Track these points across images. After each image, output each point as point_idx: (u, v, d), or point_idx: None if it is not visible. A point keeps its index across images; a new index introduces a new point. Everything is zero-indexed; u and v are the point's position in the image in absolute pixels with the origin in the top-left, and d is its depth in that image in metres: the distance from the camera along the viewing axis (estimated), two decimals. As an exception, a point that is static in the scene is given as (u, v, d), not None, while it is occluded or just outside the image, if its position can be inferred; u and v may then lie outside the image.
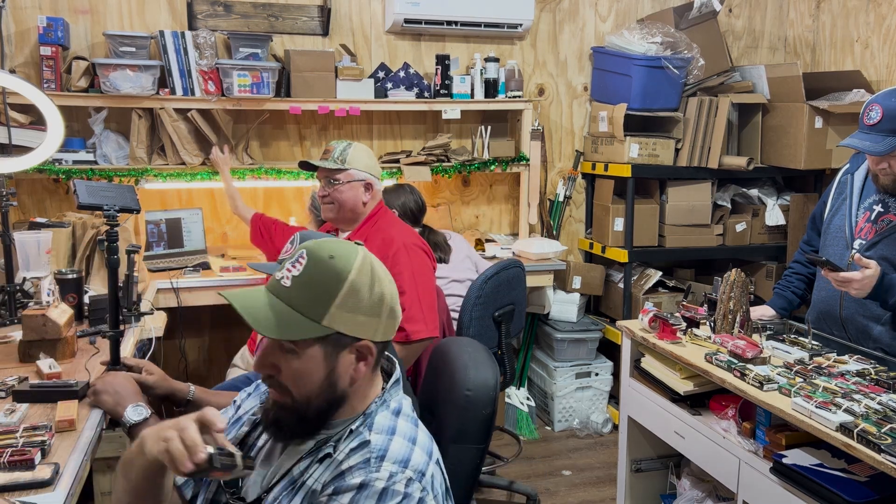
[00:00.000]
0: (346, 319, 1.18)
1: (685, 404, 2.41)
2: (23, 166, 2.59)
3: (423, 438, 1.24)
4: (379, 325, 1.22)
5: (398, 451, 1.16)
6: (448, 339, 2.12)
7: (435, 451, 1.24)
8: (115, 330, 1.92)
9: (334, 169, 2.45)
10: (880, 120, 2.19)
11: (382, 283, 1.23)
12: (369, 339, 1.21)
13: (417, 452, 1.18)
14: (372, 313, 1.21)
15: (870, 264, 2.15)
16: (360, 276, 1.20)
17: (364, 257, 1.23)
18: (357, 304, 1.19)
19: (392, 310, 1.25)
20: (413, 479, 1.13)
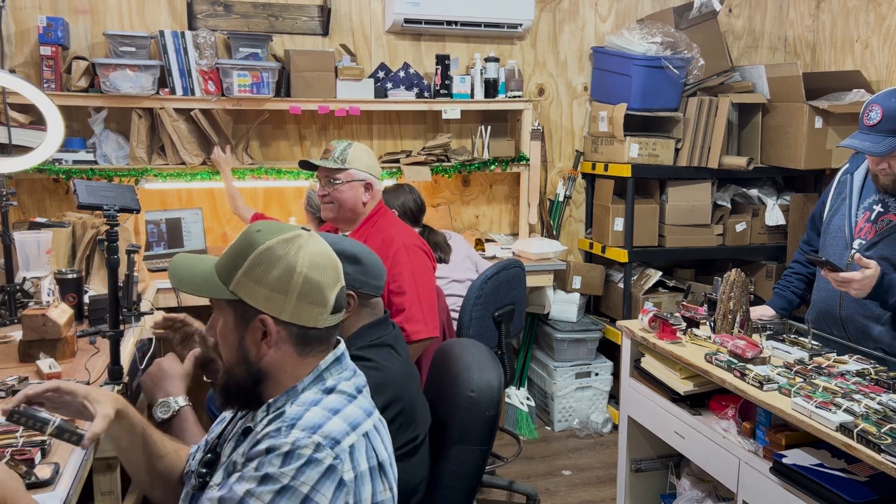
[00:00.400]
0: (249, 288, 1.21)
1: (685, 404, 2.41)
2: (23, 166, 2.60)
3: (354, 411, 1.21)
4: (285, 303, 1.21)
5: (311, 419, 1.15)
6: (451, 341, 2.12)
7: (367, 425, 1.20)
8: (115, 330, 1.92)
9: (334, 169, 2.45)
10: (880, 120, 2.19)
11: (302, 264, 1.22)
12: (273, 316, 1.21)
13: (335, 421, 1.16)
14: (277, 289, 1.20)
15: (869, 264, 2.15)
16: (272, 249, 1.22)
17: (293, 238, 1.24)
18: (262, 275, 1.21)
19: (307, 294, 1.22)
20: (322, 445, 1.11)
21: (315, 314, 1.23)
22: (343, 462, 1.11)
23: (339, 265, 1.29)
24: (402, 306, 2.35)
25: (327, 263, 1.26)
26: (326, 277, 1.24)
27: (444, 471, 1.81)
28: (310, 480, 1.08)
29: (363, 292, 1.79)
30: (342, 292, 1.29)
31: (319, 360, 1.27)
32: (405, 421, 1.72)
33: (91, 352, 2.20)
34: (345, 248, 1.80)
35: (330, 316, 1.26)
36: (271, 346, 1.23)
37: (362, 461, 1.15)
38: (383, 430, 1.26)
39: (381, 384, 1.68)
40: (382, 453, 1.21)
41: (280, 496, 1.07)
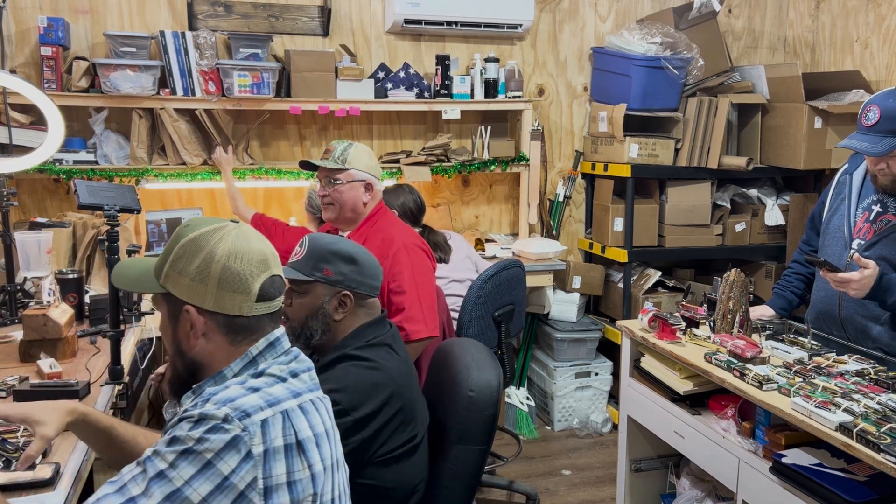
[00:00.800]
0: (174, 280, 1.25)
1: (685, 404, 2.42)
2: (23, 166, 2.60)
3: (276, 391, 1.20)
4: (206, 292, 1.23)
5: (226, 394, 1.17)
6: (450, 340, 2.12)
7: (290, 404, 1.19)
8: (115, 330, 1.93)
9: (335, 169, 2.45)
10: (878, 121, 2.19)
11: (221, 253, 1.23)
12: (196, 305, 1.23)
13: (251, 397, 1.16)
14: (197, 278, 1.23)
15: (868, 264, 2.16)
16: (194, 241, 1.25)
17: (216, 229, 1.26)
18: (185, 266, 1.24)
19: (228, 282, 1.23)
20: (231, 416, 1.11)
21: (238, 302, 1.24)
22: (252, 435, 1.11)
23: (270, 257, 1.28)
24: (401, 306, 2.36)
25: (251, 252, 1.26)
26: (249, 265, 1.24)
27: (444, 470, 1.82)
28: (213, 447, 1.09)
29: (360, 292, 1.80)
30: (273, 282, 1.27)
31: (242, 345, 1.27)
32: (404, 419, 1.72)
33: (92, 352, 2.20)
34: (341, 248, 1.80)
35: (256, 304, 1.25)
36: (199, 337, 1.25)
37: (276, 437, 1.14)
38: (314, 412, 1.24)
39: (379, 383, 1.69)
40: (306, 432, 1.19)
41: (182, 458, 1.09)
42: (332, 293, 1.77)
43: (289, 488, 1.15)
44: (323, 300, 1.76)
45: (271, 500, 1.12)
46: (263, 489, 1.12)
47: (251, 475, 1.11)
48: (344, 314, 1.78)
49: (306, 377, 1.29)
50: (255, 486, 1.11)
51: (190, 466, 1.08)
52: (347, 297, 1.78)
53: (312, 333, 1.77)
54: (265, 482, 1.12)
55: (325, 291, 1.77)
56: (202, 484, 1.08)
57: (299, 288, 1.79)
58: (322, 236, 1.89)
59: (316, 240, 1.82)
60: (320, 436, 1.22)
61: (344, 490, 1.33)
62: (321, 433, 1.23)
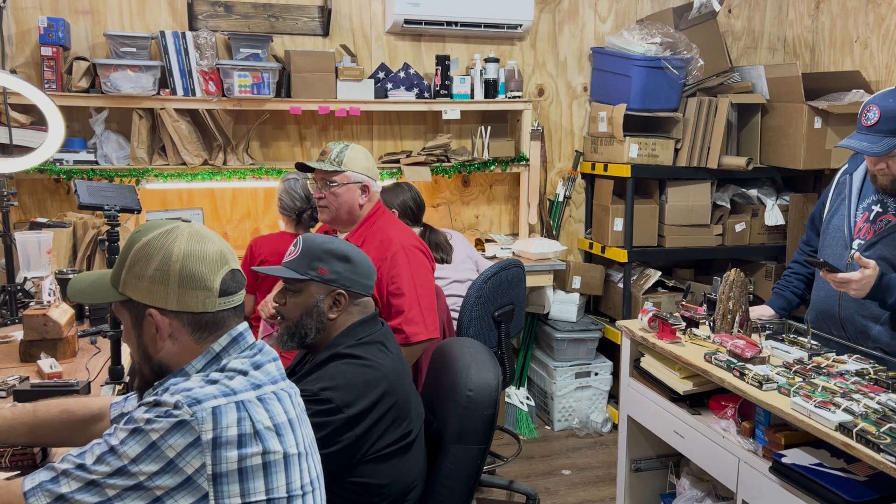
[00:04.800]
0: (133, 285, 1.25)
1: (685, 404, 2.42)
2: (24, 166, 2.60)
3: (234, 383, 1.21)
4: (168, 293, 1.23)
5: (182, 385, 1.19)
6: (449, 340, 2.13)
7: (245, 395, 1.20)
8: (115, 330, 1.93)
9: (331, 171, 2.44)
10: (878, 121, 2.20)
11: (178, 252, 1.23)
12: (159, 307, 1.23)
13: (207, 388, 1.18)
14: (157, 280, 1.23)
15: (869, 264, 2.16)
16: (149, 244, 1.24)
17: (169, 230, 1.26)
18: (143, 270, 1.24)
19: (188, 280, 1.23)
20: (181, 403, 1.14)
21: (201, 299, 1.24)
22: (201, 422, 1.13)
23: (227, 252, 1.29)
24: (401, 308, 2.35)
25: (207, 248, 1.26)
26: (207, 262, 1.25)
27: (443, 470, 1.82)
28: (160, 428, 1.12)
29: (354, 291, 1.81)
30: (232, 275, 1.27)
31: (207, 342, 1.27)
32: (397, 416, 1.73)
33: (92, 352, 2.20)
34: (335, 247, 1.82)
35: (219, 299, 1.26)
36: (165, 339, 1.25)
37: (230, 426, 1.15)
38: (276, 402, 1.24)
39: (371, 380, 1.70)
40: (265, 422, 1.20)
41: (132, 436, 1.13)
42: (326, 292, 1.78)
43: (240, 476, 1.16)
44: (317, 299, 1.78)
45: (221, 487, 1.15)
46: (212, 475, 1.14)
47: (199, 461, 1.13)
48: (338, 312, 1.80)
49: (271, 368, 1.29)
50: (203, 472, 1.13)
51: (136, 445, 1.12)
52: (342, 295, 1.79)
53: (307, 332, 1.79)
54: (214, 468, 1.14)
55: (320, 290, 1.78)
56: (147, 464, 1.12)
57: (294, 287, 1.80)
58: (316, 236, 1.90)
59: (310, 239, 1.83)
60: (282, 425, 1.23)
61: (317, 476, 1.34)
62: (282, 423, 1.23)
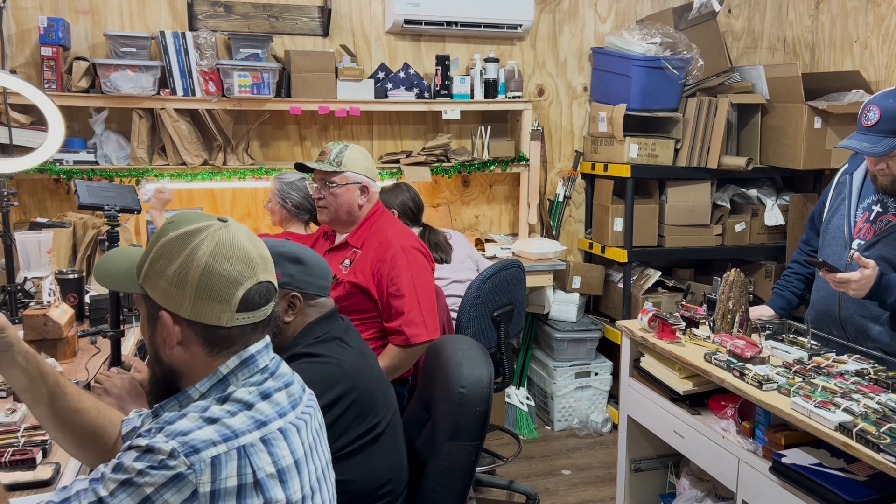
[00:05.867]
0: (153, 282, 1.17)
1: (684, 404, 2.42)
2: (24, 166, 2.60)
3: (236, 422, 1.10)
4: (183, 298, 1.14)
5: (181, 425, 1.08)
6: (443, 338, 2.12)
7: (247, 439, 1.09)
8: (115, 330, 1.93)
9: (330, 171, 2.44)
10: (878, 121, 2.20)
11: (202, 257, 1.14)
12: (172, 312, 1.15)
13: (206, 430, 1.07)
14: (174, 283, 1.14)
15: (868, 264, 2.16)
16: (175, 241, 1.16)
17: (199, 229, 1.17)
18: (164, 268, 1.15)
19: (206, 290, 1.14)
20: (177, 451, 1.03)
21: (216, 312, 1.15)
22: (198, 473, 1.04)
23: (258, 261, 1.19)
24: (401, 309, 2.35)
25: (236, 257, 1.16)
26: (231, 271, 1.15)
27: (437, 467, 1.82)
28: (154, 482, 1.02)
29: (308, 292, 1.80)
30: (259, 289, 1.18)
31: (219, 359, 1.18)
32: (361, 410, 1.72)
33: (92, 352, 2.20)
34: (286, 249, 1.81)
35: (237, 314, 1.16)
36: (174, 345, 1.16)
37: (230, 476, 1.06)
38: (282, 440, 1.14)
39: (330, 377, 1.69)
40: (268, 468, 1.10)
41: (122, 489, 1.03)
42: (280, 295, 1.76)
43: None
44: None
45: None
46: None
47: None
48: (294, 315, 1.78)
49: (280, 397, 1.19)
50: None
51: (128, 499, 1.02)
52: (296, 297, 1.78)
53: None
54: None
55: None
56: None
57: None
58: (267, 240, 1.88)
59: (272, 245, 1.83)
60: (286, 469, 1.13)
61: (332, 496, 1.29)
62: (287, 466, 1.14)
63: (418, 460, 1.90)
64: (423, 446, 1.92)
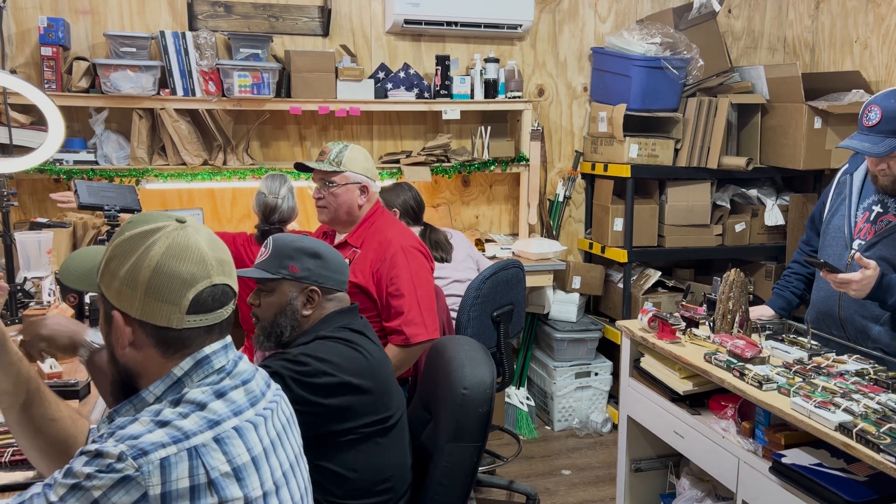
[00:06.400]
0: (107, 281, 1.16)
1: (684, 404, 2.42)
2: (24, 166, 2.60)
3: (188, 424, 1.09)
4: (133, 298, 1.13)
5: (132, 429, 1.07)
6: (445, 338, 2.13)
7: (199, 439, 1.08)
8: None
9: (330, 171, 2.44)
10: (879, 121, 2.20)
11: (153, 257, 1.13)
12: (123, 311, 1.14)
13: (156, 434, 1.06)
14: (127, 283, 1.13)
15: (869, 264, 2.16)
16: (130, 240, 1.15)
17: (154, 229, 1.16)
18: (117, 268, 1.14)
19: (155, 290, 1.12)
20: (125, 454, 1.02)
21: (166, 313, 1.13)
22: (147, 475, 1.02)
23: (213, 263, 1.17)
24: (400, 309, 2.35)
25: (188, 259, 1.14)
26: (182, 274, 1.13)
27: (439, 468, 1.82)
28: (102, 486, 1.01)
29: (326, 287, 1.84)
30: (213, 292, 1.16)
31: (174, 360, 1.16)
32: (376, 401, 1.76)
33: (92, 352, 2.20)
34: (305, 245, 1.84)
35: (187, 316, 1.14)
36: (126, 346, 1.15)
37: (181, 477, 1.05)
38: (235, 441, 1.13)
39: (355, 361, 1.74)
40: (222, 467, 1.09)
41: (71, 493, 1.02)
42: (299, 289, 1.81)
43: None
44: (290, 296, 1.80)
45: None
46: None
47: None
48: (312, 309, 1.82)
49: (237, 395, 1.17)
50: None
51: (77, 503, 1.01)
52: (315, 292, 1.82)
53: (282, 331, 1.81)
54: None
55: (292, 288, 1.81)
56: None
57: (266, 287, 1.82)
58: (286, 236, 1.93)
59: (280, 239, 1.86)
60: (243, 467, 1.12)
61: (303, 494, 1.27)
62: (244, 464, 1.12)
63: (420, 461, 1.90)
64: (424, 447, 1.92)
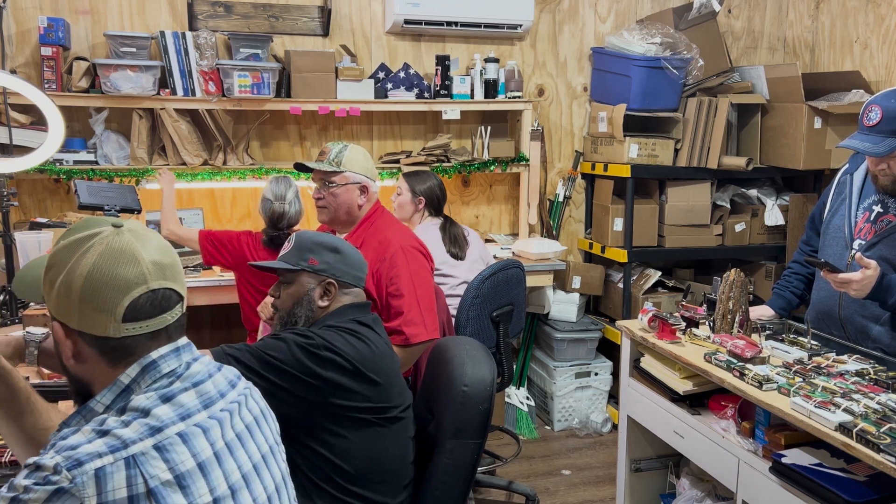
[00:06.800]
0: (47, 292, 1.14)
1: (684, 404, 2.42)
2: (24, 166, 2.60)
3: (129, 432, 1.06)
4: (70, 308, 1.10)
5: (74, 439, 1.05)
6: (446, 338, 2.14)
7: (137, 447, 1.05)
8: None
9: (330, 171, 2.44)
10: (880, 121, 2.20)
11: (86, 265, 1.10)
12: (62, 322, 1.12)
13: (95, 444, 1.04)
14: (63, 293, 1.11)
15: (870, 264, 2.16)
16: (65, 248, 1.13)
17: (88, 236, 1.12)
18: (54, 278, 1.12)
19: (89, 299, 1.10)
20: (61, 466, 1.00)
21: (103, 322, 1.10)
22: (81, 486, 1.00)
23: (150, 268, 1.12)
24: (400, 309, 2.35)
25: (122, 264, 1.11)
26: (115, 281, 1.10)
27: (440, 465, 1.83)
28: (38, 499, 0.99)
29: (343, 281, 1.89)
30: (151, 298, 1.12)
31: (120, 368, 1.13)
32: (379, 392, 1.77)
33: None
34: (325, 240, 1.91)
35: (124, 324, 1.10)
36: (70, 357, 1.13)
37: (118, 487, 1.02)
38: (179, 447, 1.09)
39: (360, 348, 1.76)
40: (162, 475, 1.05)
41: None
42: (317, 281, 1.87)
43: None
44: (308, 288, 1.86)
45: None
46: None
47: None
48: (328, 301, 1.87)
49: (187, 398, 1.13)
50: None
51: None
52: (332, 284, 1.87)
53: (297, 320, 1.86)
54: None
55: (311, 280, 1.87)
56: None
57: (286, 278, 1.89)
58: (308, 232, 1.99)
59: (303, 234, 1.94)
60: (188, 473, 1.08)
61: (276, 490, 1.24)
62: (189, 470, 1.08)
63: (420, 457, 1.91)
64: (425, 444, 1.93)
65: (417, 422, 1.99)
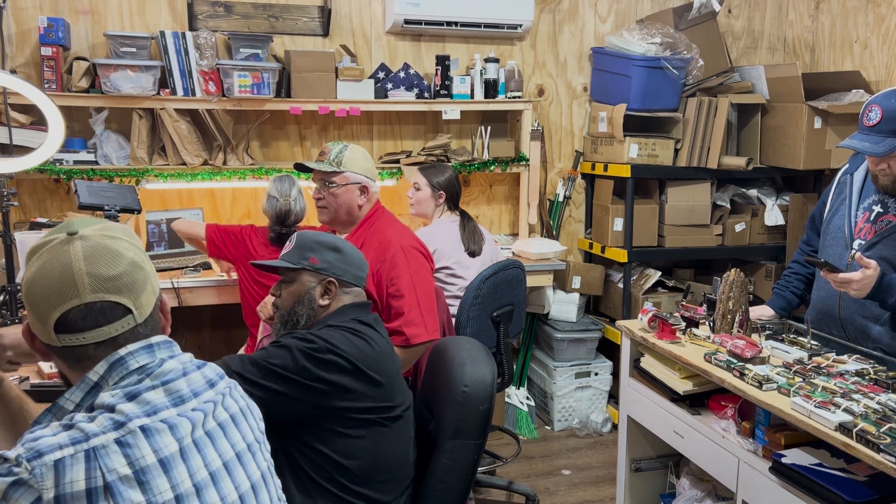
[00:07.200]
0: None
1: (684, 404, 2.42)
2: (24, 166, 2.60)
3: (92, 426, 1.06)
4: (29, 311, 1.13)
5: (39, 434, 1.05)
6: (446, 338, 2.14)
7: (99, 440, 1.04)
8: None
9: (330, 171, 2.44)
10: (880, 121, 2.20)
11: (29, 275, 1.11)
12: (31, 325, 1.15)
13: (59, 436, 1.04)
14: (28, 302, 1.12)
15: (870, 264, 2.16)
16: (28, 255, 1.14)
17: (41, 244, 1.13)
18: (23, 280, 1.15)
19: (33, 309, 1.11)
20: (21, 458, 1.01)
21: (45, 332, 1.11)
22: (39, 478, 1.00)
23: (86, 280, 1.10)
24: (400, 310, 2.35)
25: (55, 278, 1.09)
26: (47, 293, 1.09)
27: (440, 465, 1.84)
28: None
29: (343, 280, 1.90)
30: (83, 311, 1.10)
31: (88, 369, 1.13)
32: (379, 393, 1.77)
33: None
34: (326, 239, 1.92)
35: (57, 335, 1.10)
36: (41, 357, 1.17)
37: (77, 480, 1.01)
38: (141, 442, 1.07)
39: (362, 348, 1.77)
40: (121, 470, 1.04)
41: None
42: (317, 280, 1.88)
43: None
44: (309, 286, 1.87)
45: None
46: None
47: None
48: (329, 300, 1.88)
49: (154, 395, 1.12)
50: None
51: None
52: (332, 283, 1.88)
53: (298, 319, 1.87)
54: None
55: (311, 278, 1.88)
56: None
57: (287, 277, 1.90)
58: (310, 231, 2.00)
59: (304, 234, 1.95)
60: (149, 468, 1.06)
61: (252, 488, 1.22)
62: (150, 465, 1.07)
63: (421, 458, 1.91)
64: (425, 444, 1.93)
65: (417, 422, 1.99)
